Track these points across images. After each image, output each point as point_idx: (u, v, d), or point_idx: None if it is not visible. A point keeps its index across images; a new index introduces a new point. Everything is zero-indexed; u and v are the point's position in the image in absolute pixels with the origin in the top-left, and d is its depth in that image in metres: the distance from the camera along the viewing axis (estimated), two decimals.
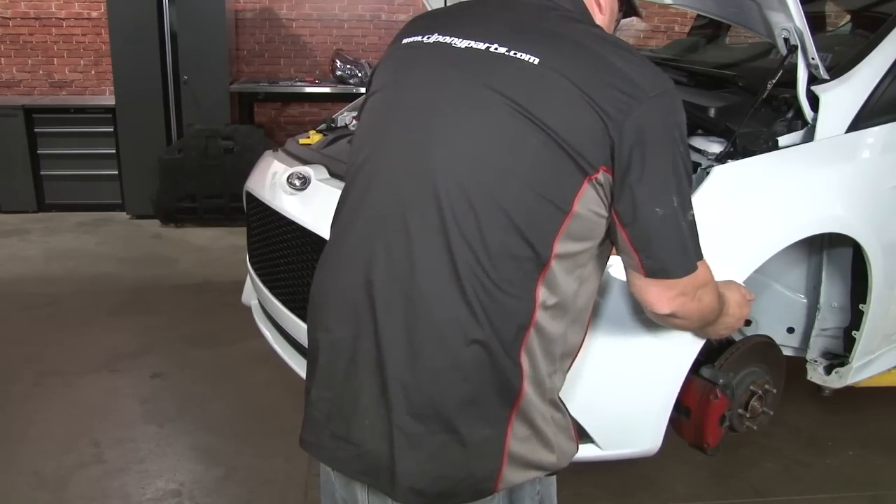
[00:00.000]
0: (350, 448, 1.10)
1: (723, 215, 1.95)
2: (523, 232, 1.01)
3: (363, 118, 1.20)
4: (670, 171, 1.04)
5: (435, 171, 1.04)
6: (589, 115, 1.00)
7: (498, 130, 1.02)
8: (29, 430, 2.74)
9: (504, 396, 1.04)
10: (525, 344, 1.04)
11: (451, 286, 1.02)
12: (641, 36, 5.57)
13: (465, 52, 1.08)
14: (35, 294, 4.02)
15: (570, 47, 1.04)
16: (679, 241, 1.09)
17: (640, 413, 1.94)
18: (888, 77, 2.22)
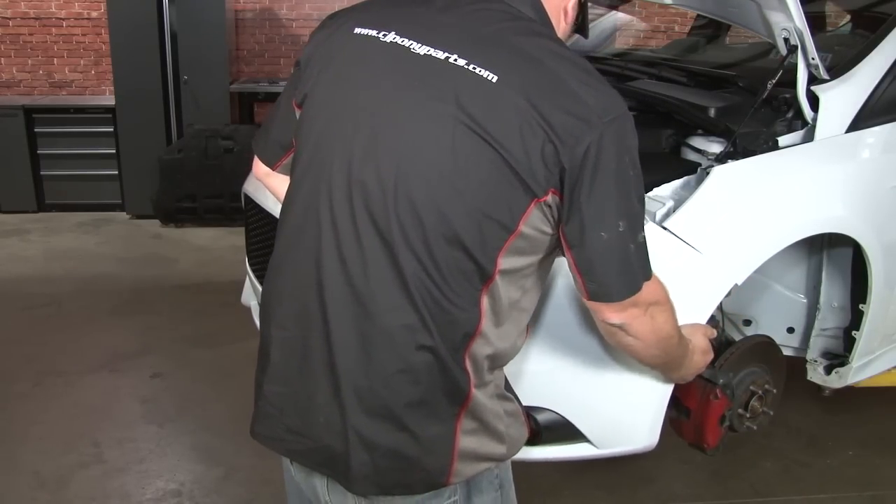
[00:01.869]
0: (306, 441, 1.12)
1: (723, 215, 1.95)
2: (469, 248, 1.02)
3: (310, 108, 1.15)
4: (617, 195, 1.04)
5: (385, 182, 1.03)
6: (542, 139, 1.00)
7: (451, 146, 1.01)
8: (29, 430, 2.74)
9: (452, 398, 1.08)
10: (469, 349, 1.07)
11: (401, 295, 1.04)
12: (641, 36, 5.56)
13: (424, 60, 1.06)
14: (35, 294, 4.02)
15: (530, 66, 1.03)
16: (623, 266, 1.08)
17: (636, 409, 1.94)
18: (888, 77, 2.22)
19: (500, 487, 1.21)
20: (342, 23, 1.18)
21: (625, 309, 1.13)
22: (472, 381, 1.08)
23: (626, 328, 1.16)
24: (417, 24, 1.11)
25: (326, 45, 1.18)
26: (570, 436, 1.94)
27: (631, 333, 1.17)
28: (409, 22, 1.12)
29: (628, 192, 1.06)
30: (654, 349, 1.24)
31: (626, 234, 1.06)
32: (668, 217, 1.87)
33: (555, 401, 1.91)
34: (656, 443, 1.97)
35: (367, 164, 1.05)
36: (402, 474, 1.09)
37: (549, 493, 2.43)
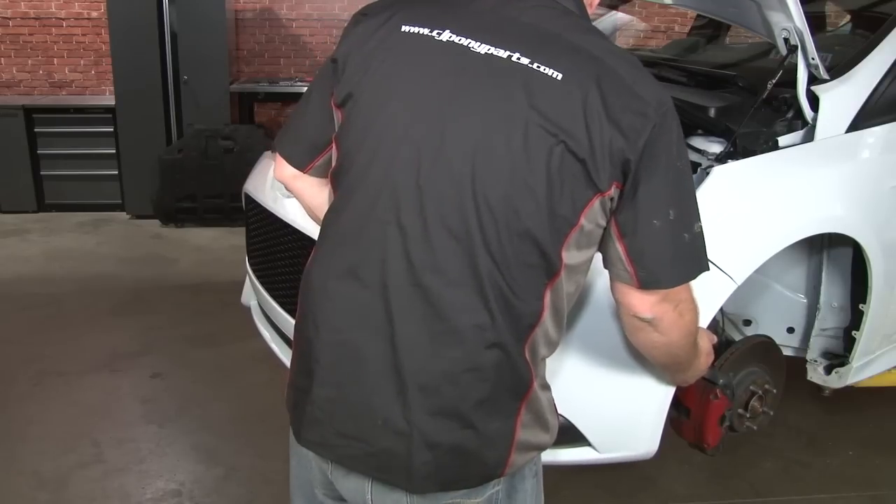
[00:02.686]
0: (361, 445, 1.11)
1: (723, 215, 1.94)
2: (540, 243, 1.05)
3: (361, 109, 1.12)
4: (669, 184, 1.08)
5: (460, 182, 1.04)
6: (608, 135, 1.03)
7: (522, 145, 1.03)
8: (29, 430, 2.74)
9: (516, 392, 1.10)
10: (529, 342, 1.09)
11: (474, 294, 1.05)
12: (641, 36, 5.57)
13: (487, 59, 1.06)
14: (35, 294, 4.02)
15: (591, 64, 1.06)
16: (675, 253, 1.11)
17: (637, 416, 1.94)
18: (888, 77, 2.22)
19: (536, 474, 1.24)
20: (385, 19, 1.14)
21: (660, 302, 1.14)
22: (533, 373, 1.11)
23: (657, 323, 1.17)
24: (472, 22, 1.10)
25: (371, 44, 1.13)
26: (572, 439, 1.94)
27: (659, 330, 1.18)
28: (463, 20, 1.11)
29: (679, 180, 1.10)
30: (675, 348, 1.25)
31: (678, 223, 1.09)
32: None
33: (559, 403, 1.90)
34: (656, 450, 1.97)
35: (438, 167, 1.05)
36: (462, 470, 1.10)
37: (549, 493, 2.41)
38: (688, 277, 1.14)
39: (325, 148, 1.22)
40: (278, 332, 2.57)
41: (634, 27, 4.22)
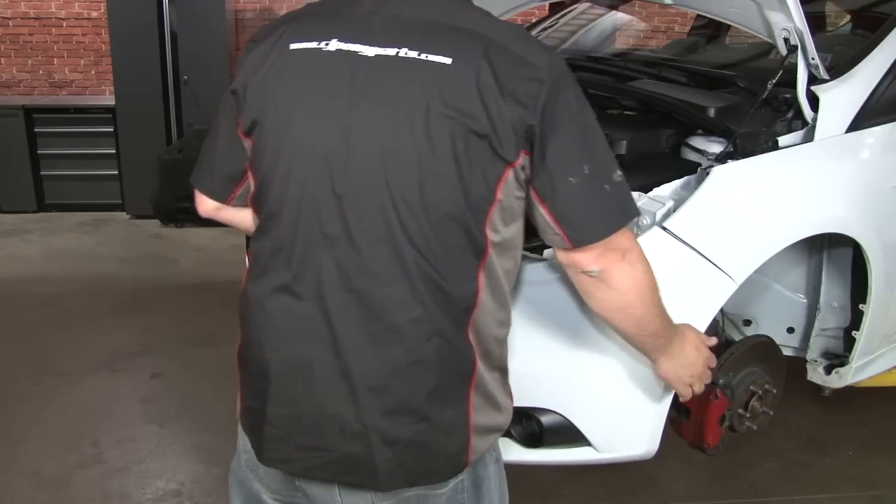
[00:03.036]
0: (323, 454, 1.14)
1: (723, 215, 1.95)
2: (461, 225, 1.07)
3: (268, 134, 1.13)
4: (576, 141, 1.10)
5: (374, 184, 1.07)
6: (506, 106, 1.05)
7: (425, 135, 1.05)
8: (29, 430, 2.74)
9: (463, 377, 1.12)
10: (470, 324, 1.11)
11: (406, 289, 1.07)
12: (641, 36, 5.56)
13: (376, 61, 1.08)
14: (35, 294, 4.02)
15: (477, 42, 1.07)
16: (598, 205, 1.12)
17: (637, 416, 1.94)
18: (888, 77, 2.22)
19: (497, 460, 1.26)
20: (274, 42, 1.15)
21: (603, 254, 1.14)
22: (477, 354, 1.13)
23: (607, 277, 1.16)
24: (356, 27, 1.12)
25: (265, 68, 1.15)
26: (572, 439, 1.94)
27: (612, 284, 1.17)
28: (347, 27, 1.12)
29: (586, 135, 1.11)
30: (636, 307, 1.23)
31: (595, 176, 1.10)
32: (668, 217, 1.87)
33: (558, 402, 1.91)
34: (656, 450, 1.97)
35: (350, 174, 1.08)
36: (426, 463, 1.12)
37: (549, 493, 2.43)
38: (618, 225, 1.14)
39: (241, 178, 1.24)
40: None
41: (634, 27, 4.21)
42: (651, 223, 1.87)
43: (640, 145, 2.20)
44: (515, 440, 1.99)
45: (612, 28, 3.73)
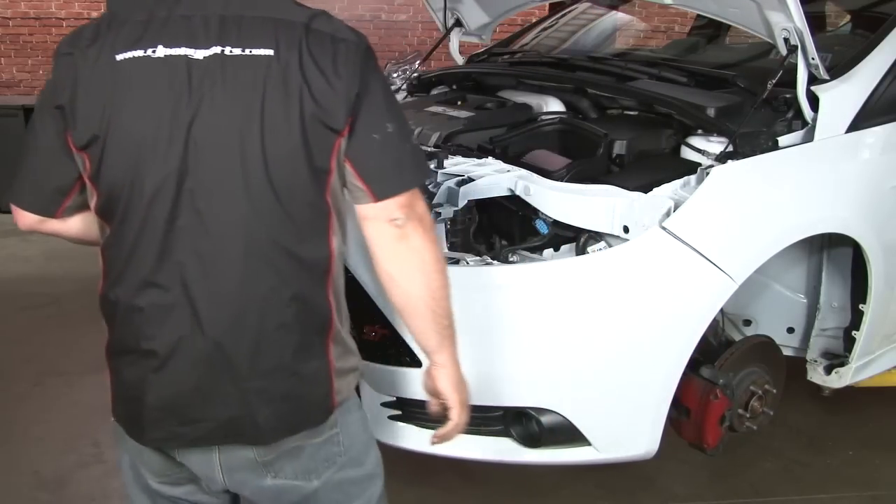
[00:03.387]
0: (206, 424, 1.23)
1: (723, 215, 1.95)
2: (308, 200, 1.18)
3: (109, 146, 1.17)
4: (384, 103, 1.23)
5: (225, 176, 1.15)
6: (331, 82, 1.16)
7: (268, 123, 1.15)
8: (29, 430, 2.74)
9: (322, 331, 1.25)
10: (330, 284, 1.24)
11: (264, 264, 1.18)
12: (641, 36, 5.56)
13: (206, 62, 1.15)
14: (35, 294, 4.02)
15: (293, 31, 1.18)
16: (399, 160, 1.24)
17: (637, 416, 1.94)
18: (888, 77, 2.22)
19: (359, 407, 1.41)
20: (96, 55, 1.18)
21: (405, 206, 1.23)
22: (333, 311, 1.26)
23: (409, 232, 1.24)
24: (177, 31, 1.18)
25: (94, 82, 1.17)
26: (571, 439, 1.94)
27: (412, 242, 1.25)
28: (169, 32, 1.18)
29: (389, 99, 1.25)
30: (432, 272, 1.28)
31: (397, 134, 1.23)
32: (668, 217, 1.87)
33: (559, 402, 1.91)
34: (656, 450, 1.97)
35: (200, 170, 1.15)
36: (301, 412, 1.25)
37: (549, 493, 2.43)
38: (417, 182, 1.25)
39: (70, 190, 1.27)
40: None
41: (634, 27, 4.22)
42: (651, 223, 1.87)
43: (640, 145, 2.20)
44: (515, 440, 1.99)
45: (612, 28, 3.73)
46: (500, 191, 2.02)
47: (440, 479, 2.45)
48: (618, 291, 1.88)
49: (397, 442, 2.07)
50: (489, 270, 1.96)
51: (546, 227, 2.00)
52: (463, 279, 1.96)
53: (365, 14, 6.28)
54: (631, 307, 1.87)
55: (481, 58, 3.31)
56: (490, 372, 1.92)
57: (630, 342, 1.88)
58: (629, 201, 1.91)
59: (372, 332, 2.02)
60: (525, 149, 2.27)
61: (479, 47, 3.42)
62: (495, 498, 2.40)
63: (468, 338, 1.93)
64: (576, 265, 1.95)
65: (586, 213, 1.95)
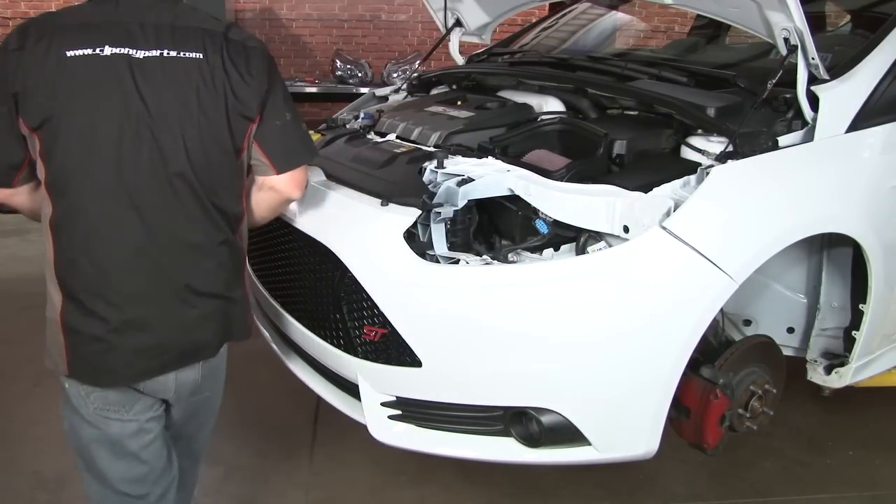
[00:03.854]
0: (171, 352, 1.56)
1: (723, 215, 1.95)
2: (230, 169, 1.55)
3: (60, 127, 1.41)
4: (283, 97, 1.61)
5: (170, 154, 1.46)
6: (246, 80, 1.51)
7: (201, 111, 1.46)
8: (29, 429, 2.74)
9: (241, 266, 1.66)
10: (240, 230, 1.64)
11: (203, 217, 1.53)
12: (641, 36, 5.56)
13: (147, 61, 1.44)
14: (35, 294, 3.98)
15: (215, 39, 1.51)
16: (295, 142, 1.65)
17: (637, 416, 1.94)
18: (888, 77, 2.22)
19: None
20: (45, 50, 1.43)
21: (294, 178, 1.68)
22: (245, 251, 1.67)
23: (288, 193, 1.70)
24: (121, 34, 1.45)
25: (46, 73, 1.42)
26: (571, 439, 1.94)
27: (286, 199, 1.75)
28: (114, 35, 1.45)
29: (286, 93, 1.63)
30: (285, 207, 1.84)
31: (293, 122, 1.62)
32: (668, 217, 1.87)
33: (559, 402, 1.91)
34: (656, 450, 1.97)
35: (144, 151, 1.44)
36: (231, 329, 1.65)
37: (549, 493, 2.43)
38: (306, 160, 1.70)
39: (21, 166, 1.50)
40: (278, 332, 2.57)
41: (634, 27, 4.22)
42: (651, 223, 1.87)
43: (640, 145, 2.20)
44: (515, 440, 1.99)
45: (612, 28, 3.73)
46: (500, 191, 2.02)
47: (440, 479, 2.45)
48: (618, 291, 1.88)
49: (397, 442, 2.07)
50: (489, 270, 1.96)
51: (546, 227, 2.00)
52: (463, 279, 1.96)
53: (365, 14, 6.28)
54: (631, 307, 1.87)
55: (481, 58, 3.31)
56: (490, 372, 1.93)
57: (630, 342, 1.87)
58: (629, 201, 1.91)
59: (372, 332, 2.02)
60: (525, 149, 2.27)
61: (479, 47, 3.42)
62: (495, 498, 2.40)
63: (468, 338, 1.94)
64: (576, 265, 1.95)
65: (586, 213, 1.95)
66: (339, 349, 2.13)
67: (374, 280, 1.98)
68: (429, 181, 2.04)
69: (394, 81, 5.06)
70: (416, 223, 2.01)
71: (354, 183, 2.21)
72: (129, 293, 1.48)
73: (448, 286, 1.96)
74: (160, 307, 1.51)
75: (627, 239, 1.90)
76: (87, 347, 1.51)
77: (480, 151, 2.23)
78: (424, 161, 2.15)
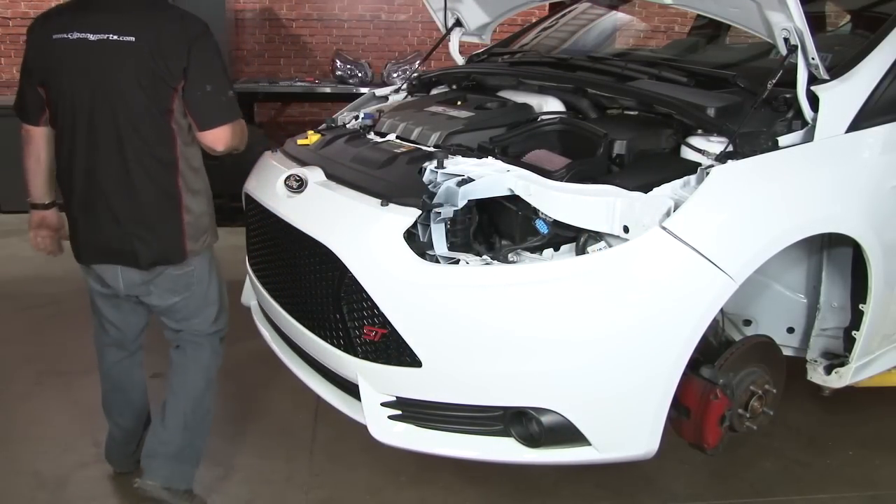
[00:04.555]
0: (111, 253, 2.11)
1: (723, 215, 1.95)
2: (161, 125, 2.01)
3: (55, 87, 2.04)
4: (205, 71, 2.00)
5: (117, 112, 1.98)
6: (171, 57, 1.95)
7: (136, 82, 1.96)
8: (29, 429, 2.74)
9: (176, 207, 2.08)
10: (179, 177, 2.07)
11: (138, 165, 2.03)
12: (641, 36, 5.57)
13: (98, 43, 1.96)
14: (35, 294, 4.02)
15: (147, 23, 1.96)
16: (214, 107, 2.03)
17: (637, 416, 1.94)
18: (888, 77, 2.23)
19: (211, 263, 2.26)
20: (45, 33, 2.02)
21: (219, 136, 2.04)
22: (182, 190, 2.07)
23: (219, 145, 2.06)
24: (83, 21, 1.98)
25: (42, 50, 2.04)
26: (571, 439, 1.94)
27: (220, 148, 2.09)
28: (79, 22, 1.98)
29: (210, 68, 2.01)
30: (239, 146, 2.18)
31: (214, 91, 2.01)
32: (668, 217, 1.87)
33: (559, 402, 1.91)
34: (656, 450, 1.97)
35: (101, 107, 1.99)
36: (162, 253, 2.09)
37: (549, 493, 2.43)
38: (228, 121, 2.04)
39: (42, 109, 2.11)
40: (278, 332, 2.57)
41: (634, 27, 4.22)
42: (651, 223, 1.87)
43: (640, 145, 2.20)
44: (515, 440, 1.99)
45: (612, 28, 3.73)
46: (500, 191, 2.02)
47: (440, 479, 2.45)
48: (618, 291, 1.88)
49: (397, 442, 2.07)
50: (489, 270, 1.96)
51: (546, 227, 2.00)
52: (463, 279, 1.96)
53: (365, 14, 6.28)
54: (631, 307, 1.87)
55: (481, 58, 3.31)
56: (490, 372, 1.93)
57: (630, 342, 1.88)
58: (629, 201, 1.91)
59: (372, 332, 2.02)
60: (525, 149, 2.27)
61: (479, 47, 3.42)
62: (495, 498, 2.40)
63: (468, 338, 1.94)
64: (576, 265, 1.95)
65: (586, 213, 1.95)
66: (339, 349, 2.13)
67: (374, 280, 1.98)
68: (429, 181, 2.04)
69: (394, 81, 5.06)
70: (416, 223, 2.01)
71: (354, 183, 2.21)
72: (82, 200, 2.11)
73: (448, 286, 1.96)
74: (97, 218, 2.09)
75: (627, 239, 1.90)
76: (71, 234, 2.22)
77: (480, 151, 2.24)
78: (424, 161, 2.15)
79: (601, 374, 1.89)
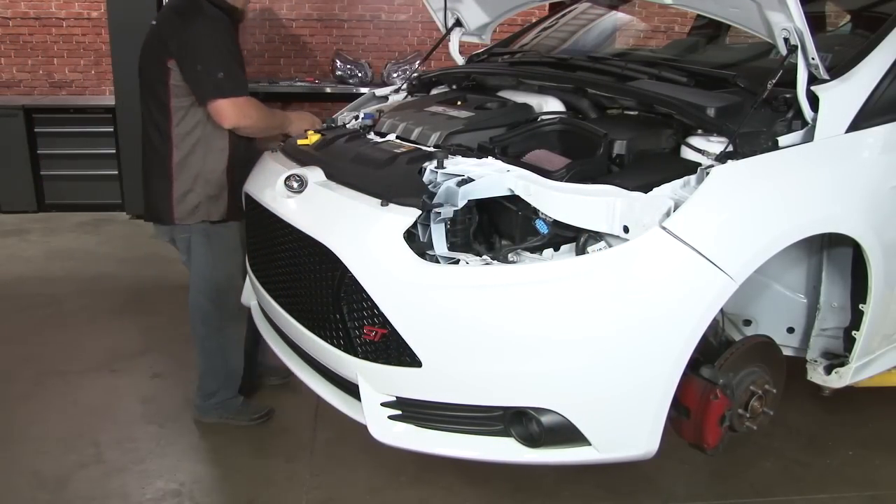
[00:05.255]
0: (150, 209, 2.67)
1: (723, 215, 1.95)
2: (161, 100, 2.51)
3: None
4: (193, 55, 2.41)
5: (146, 90, 2.56)
6: (166, 38, 2.43)
7: (151, 61, 2.51)
8: (29, 430, 2.74)
9: (167, 173, 2.55)
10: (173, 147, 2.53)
11: (151, 132, 2.59)
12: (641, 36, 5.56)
13: (151, 27, 2.56)
14: (35, 294, 4.02)
15: (168, 7, 2.54)
16: (206, 85, 2.42)
17: (636, 416, 1.94)
18: (888, 77, 2.22)
19: (207, 236, 2.66)
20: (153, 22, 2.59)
21: (231, 117, 2.46)
22: (173, 162, 2.53)
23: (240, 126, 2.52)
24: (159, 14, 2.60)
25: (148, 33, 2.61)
26: (571, 439, 1.94)
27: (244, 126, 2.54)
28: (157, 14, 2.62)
29: (200, 49, 2.41)
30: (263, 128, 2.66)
31: (204, 71, 2.40)
32: (668, 217, 1.87)
33: (559, 402, 1.91)
34: (656, 450, 1.97)
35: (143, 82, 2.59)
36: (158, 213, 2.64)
37: (549, 493, 2.43)
38: (220, 96, 2.41)
39: None
40: (278, 332, 2.57)
41: (634, 27, 4.21)
42: (651, 223, 1.87)
43: (640, 145, 2.20)
44: (515, 440, 1.99)
45: (612, 28, 3.73)
46: (500, 191, 2.02)
47: (440, 479, 2.45)
48: (618, 291, 1.88)
49: (397, 442, 2.07)
50: (489, 270, 1.96)
51: (546, 227, 2.00)
52: (463, 279, 1.96)
53: (365, 14, 6.28)
54: (631, 307, 1.87)
55: (481, 58, 3.30)
56: (490, 372, 1.93)
57: (630, 342, 1.87)
58: (629, 201, 1.91)
59: (372, 332, 2.02)
60: (525, 149, 2.27)
61: (479, 47, 3.42)
62: (496, 498, 2.40)
63: (468, 338, 1.94)
64: (576, 265, 1.95)
65: (586, 213, 1.94)
66: (339, 349, 2.13)
67: (374, 280, 1.98)
68: (429, 181, 2.04)
69: (394, 81, 5.06)
70: (416, 223, 2.01)
71: (354, 183, 2.21)
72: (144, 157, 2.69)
73: (448, 286, 1.96)
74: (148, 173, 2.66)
75: (627, 239, 1.90)
76: None
77: (480, 151, 2.23)
78: (424, 161, 2.15)
79: (601, 373, 1.89)
